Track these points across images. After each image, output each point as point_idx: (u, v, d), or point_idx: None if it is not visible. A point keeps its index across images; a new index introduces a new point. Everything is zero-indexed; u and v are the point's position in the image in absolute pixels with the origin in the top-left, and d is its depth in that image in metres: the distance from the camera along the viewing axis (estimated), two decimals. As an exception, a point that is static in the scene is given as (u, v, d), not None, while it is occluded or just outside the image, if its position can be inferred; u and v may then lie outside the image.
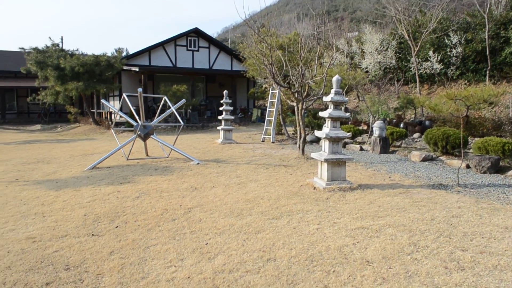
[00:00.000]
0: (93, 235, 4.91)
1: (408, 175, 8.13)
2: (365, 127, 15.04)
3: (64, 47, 24.19)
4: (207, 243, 4.52)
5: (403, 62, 22.71)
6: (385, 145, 10.97)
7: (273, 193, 6.73)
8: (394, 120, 15.02)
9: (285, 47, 11.82)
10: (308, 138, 13.05)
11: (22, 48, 22.34)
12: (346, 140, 12.81)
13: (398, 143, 12.17)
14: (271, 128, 13.86)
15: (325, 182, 6.81)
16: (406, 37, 20.77)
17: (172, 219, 5.47)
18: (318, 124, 14.77)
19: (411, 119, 16.30)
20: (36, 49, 21.75)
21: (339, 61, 23.50)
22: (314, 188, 6.92)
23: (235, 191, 6.93)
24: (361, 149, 11.69)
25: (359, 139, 13.49)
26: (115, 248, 4.45)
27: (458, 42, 19.53)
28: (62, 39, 37.04)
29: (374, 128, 11.23)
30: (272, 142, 13.58)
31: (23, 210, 6.13)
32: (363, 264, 3.90)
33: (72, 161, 10.84)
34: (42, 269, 3.95)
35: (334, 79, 6.92)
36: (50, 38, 27.20)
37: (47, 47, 22.08)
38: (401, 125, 14.12)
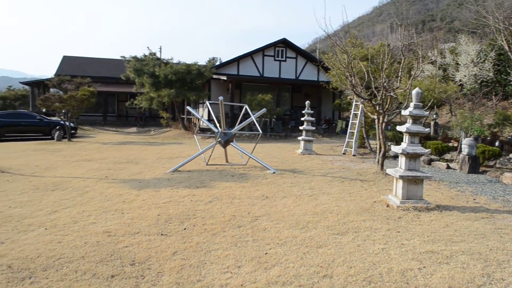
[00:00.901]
0: (162, 234, 5.17)
1: (496, 198, 7.48)
2: (455, 144, 14.13)
3: (161, 56, 25.81)
4: (266, 253, 4.54)
5: (502, 75, 21.01)
6: (475, 165, 10.21)
7: (343, 207, 6.58)
8: (489, 138, 13.93)
9: (369, 58, 11.52)
10: (392, 153, 12.57)
11: (123, 57, 24.19)
12: (432, 157, 12.13)
13: (491, 163, 11.25)
14: (353, 140, 13.56)
15: (399, 200, 6.51)
16: (506, 48, 19.21)
17: (238, 225, 5.57)
18: (402, 138, 14.14)
19: (509, 137, 15.00)
20: (135, 57, 23.43)
21: (431, 73, 22.34)
22: (387, 206, 6.65)
23: (305, 203, 6.88)
24: (448, 167, 10.98)
25: (447, 156, 12.69)
26: (179, 249, 4.64)
27: None
28: (160, 48, 39.57)
29: (463, 146, 10.51)
30: (353, 155, 13.27)
31: (105, 205, 6.63)
32: (425, 291, 3.67)
33: (158, 163, 11.49)
34: (111, 262, 4.25)
35: (414, 92, 6.62)
36: (148, 47, 29.16)
37: (145, 55, 23.69)
38: (496, 144, 13.06)
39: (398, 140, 14.35)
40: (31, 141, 19.89)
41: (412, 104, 6.64)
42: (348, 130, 14.04)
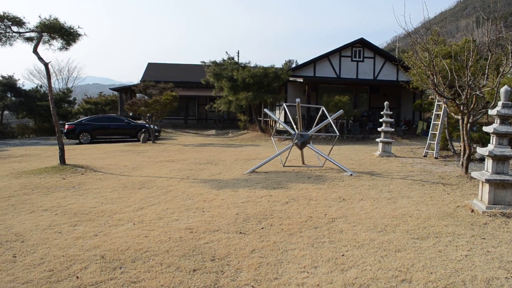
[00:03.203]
0: (240, 233, 5.35)
1: None
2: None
3: (239, 60, 26.48)
4: (343, 255, 4.54)
5: None
6: None
7: (424, 211, 6.36)
8: None
9: (453, 55, 10.94)
10: (477, 155, 11.85)
11: (203, 62, 25.15)
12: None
13: None
14: (435, 142, 12.97)
15: (485, 205, 6.16)
16: None
17: (314, 227, 5.61)
18: (489, 140, 13.27)
19: None
20: (214, 62, 24.26)
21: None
22: (472, 211, 6.31)
23: (383, 206, 6.74)
24: (543, 171, 10.13)
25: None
26: (257, 247, 4.79)
27: None
28: (238, 53, 40.39)
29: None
30: (435, 158, 12.70)
31: (187, 204, 6.99)
32: (514, 301, 3.47)
33: (236, 164, 11.82)
34: (193, 257, 4.49)
35: (502, 90, 6.23)
36: (226, 52, 30.03)
37: (223, 60, 24.44)
38: None
39: (484, 142, 13.48)
40: (119, 143, 21.33)
41: (500, 103, 6.25)
42: (430, 132, 13.46)
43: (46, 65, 11.77)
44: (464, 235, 5.18)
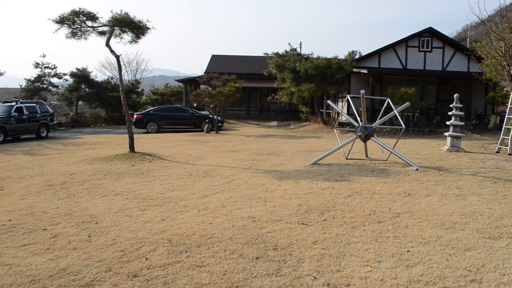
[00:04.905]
0: (302, 223, 5.37)
1: None
2: None
3: (302, 52, 26.33)
4: (408, 251, 4.43)
5: None
6: None
7: (496, 210, 6.04)
8: None
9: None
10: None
11: (266, 53, 25.23)
12: None
13: None
14: (509, 137, 12.20)
15: None
16: None
17: (378, 221, 5.51)
18: None
19: None
20: (277, 54, 24.25)
21: None
22: (551, 211, 5.90)
23: (452, 203, 6.48)
24: None
25: None
26: (319, 239, 4.79)
27: None
28: (300, 44, 40.18)
29: None
30: (509, 154, 11.95)
31: (250, 193, 7.10)
32: None
33: (297, 156, 11.82)
34: (255, 245, 4.58)
35: None
36: (289, 43, 29.89)
37: (286, 52, 24.36)
38: None
39: None
40: (184, 132, 22.00)
41: None
42: (504, 126, 12.67)
43: (117, 57, 12.37)
44: (542, 237, 4.86)
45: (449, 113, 13.08)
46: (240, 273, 3.89)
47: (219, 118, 23.00)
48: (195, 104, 27.72)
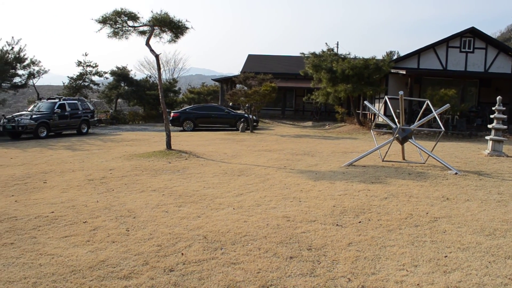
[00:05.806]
0: (337, 225, 5.34)
1: None
2: None
3: (339, 52, 26.08)
4: (446, 256, 4.33)
5: None
6: None
7: (541, 217, 5.81)
8: None
9: None
10: None
11: (302, 53, 25.11)
12: None
13: None
14: (557, 143, 11.69)
15: None
16: None
17: (415, 225, 5.41)
18: None
19: None
20: (313, 53, 24.10)
21: None
22: None
23: (492, 208, 6.27)
24: None
25: None
26: (354, 240, 4.75)
27: None
28: (337, 44, 39.90)
29: None
30: (556, 160, 11.44)
31: (285, 193, 7.12)
32: None
33: (332, 156, 11.73)
34: (289, 245, 4.59)
35: None
36: (326, 43, 29.79)
37: (323, 51, 24.18)
38: None
39: None
40: (219, 131, 22.22)
41: None
42: (551, 131, 12.15)
43: (157, 56, 12.64)
44: None
45: (491, 116, 12.65)
46: (274, 272, 3.91)
47: (254, 117, 23.09)
48: (230, 103, 27.96)
